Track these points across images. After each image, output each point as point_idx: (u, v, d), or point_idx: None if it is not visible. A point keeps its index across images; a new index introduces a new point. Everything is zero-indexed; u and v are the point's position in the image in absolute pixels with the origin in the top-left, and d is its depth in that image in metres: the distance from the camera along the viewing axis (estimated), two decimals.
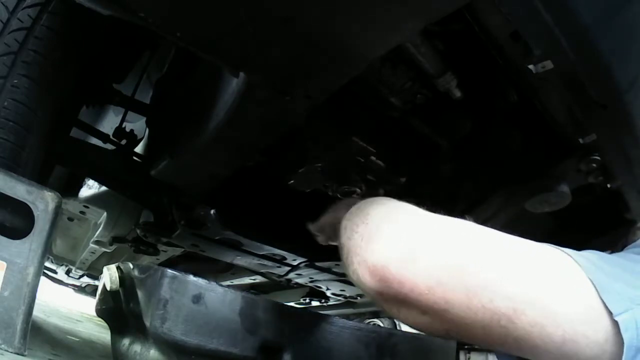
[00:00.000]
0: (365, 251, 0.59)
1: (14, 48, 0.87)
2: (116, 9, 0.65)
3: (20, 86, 0.87)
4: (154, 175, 1.12)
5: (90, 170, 1.29)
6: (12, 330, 0.63)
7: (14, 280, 0.66)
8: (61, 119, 1.08)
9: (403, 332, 1.06)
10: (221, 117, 0.84)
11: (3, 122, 0.84)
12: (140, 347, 0.80)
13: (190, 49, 0.72)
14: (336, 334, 0.86)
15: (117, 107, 1.38)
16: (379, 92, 0.91)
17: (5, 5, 0.90)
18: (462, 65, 0.83)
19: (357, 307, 2.55)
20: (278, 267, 1.63)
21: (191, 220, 1.31)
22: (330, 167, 1.10)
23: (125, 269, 0.83)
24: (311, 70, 0.71)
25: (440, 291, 0.52)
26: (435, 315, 0.54)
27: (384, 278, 0.55)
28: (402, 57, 0.80)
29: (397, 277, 0.54)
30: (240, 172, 1.08)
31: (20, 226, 0.70)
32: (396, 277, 0.54)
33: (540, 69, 0.70)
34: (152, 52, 1.32)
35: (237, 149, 0.96)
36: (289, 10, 0.60)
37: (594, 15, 0.65)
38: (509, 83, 0.85)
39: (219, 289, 0.75)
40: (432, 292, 0.53)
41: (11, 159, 0.84)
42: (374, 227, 0.61)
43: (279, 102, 0.77)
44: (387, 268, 0.55)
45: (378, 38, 0.64)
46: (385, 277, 0.55)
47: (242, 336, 0.75)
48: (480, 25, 0.69)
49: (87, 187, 1.55)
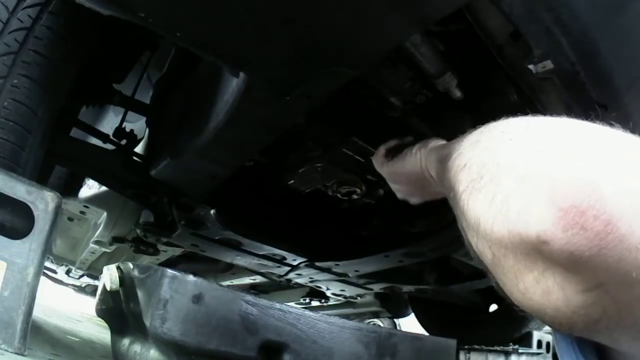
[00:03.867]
0: (546, 175, 0.36)
1: (14, 48, 0.87)
2: (116, 9, 0.65)
3: (20, 86, 0.87)
4: (154, 175, 1.12)
5: (90, 170, 1.29)
6: (12, 330, 0.63)
7: (14, 280, 0.66)
8: (61, 119, 1.08)
9: (403, 332, 1.06)
10: (221, 117, 0.84)
11: (3, 122, 0.84)
12: (140, 347, 0.80)
13: (190, 49, 0.72)
14: (336, 334, 0.86)
15: (117, 107, 1.38)
16: (379, 92, 0.91)
17: (5, 5, 0.90)
18: (462, 65, 0.83)
19: (357, 307, 2.56)
20: (278, 267, 1.63)
21: (191, 220, 1.31)
22: (330, 167, 1.10)
23: (125, 269, 0.83)
24: (311, 70, 0.71)
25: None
26: (623, 285, 0.34)
27: (585, 208, 0.33)
28: (402, 57, 0.80)
29: (611, 209, 0.33)
30: (240, 172, 1.08)
31: (20, 226, 0.70)
32: (610, 209, 0.33)
33: (540, 69, 0.70)
34: (152, 52, 1.32)
35: (237, 149, 0.96)
36: (289, 10, 0.60)
37: (594, 15, 0.66)
38: (509, 83, 0.85)
39: (219, 289, 0.75)
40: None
41: (11, 159, 0.84)
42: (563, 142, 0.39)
43: (279, 102, 0.77)
44: (598, 194, 0.33)
45: (378, 38, 0.64)
46: (588, 207, 0.33)
47: (242, 336, 0.75)
48: (480, 25, 0.69)
49: (87, 187, 1.56)
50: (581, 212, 0.33)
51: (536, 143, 0.40)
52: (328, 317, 0.87)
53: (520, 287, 0.39)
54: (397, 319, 2.98)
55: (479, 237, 0.42)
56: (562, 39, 0.65)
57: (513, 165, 0.40)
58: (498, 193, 0.39)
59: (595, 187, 0.34)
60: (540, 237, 0.35)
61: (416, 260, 1.36)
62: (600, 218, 0.33)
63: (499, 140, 0.44)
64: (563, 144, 0.39)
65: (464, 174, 0.46)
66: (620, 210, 0.33)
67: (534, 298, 0.38)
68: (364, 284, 1.78)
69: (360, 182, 1.16)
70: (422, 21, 0.63)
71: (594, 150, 0.37)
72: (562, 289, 0.36)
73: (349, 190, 1.19)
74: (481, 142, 0.47)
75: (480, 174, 0.43)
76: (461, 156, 0.49)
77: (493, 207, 0.39)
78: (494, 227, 0.39)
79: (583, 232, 0.33)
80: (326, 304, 2.60)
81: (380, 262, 1.41)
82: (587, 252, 0.33)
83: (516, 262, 0.38)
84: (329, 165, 1.09)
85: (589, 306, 0.36)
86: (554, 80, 0.73)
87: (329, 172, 1.12)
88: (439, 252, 1.27)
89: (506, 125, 0.46)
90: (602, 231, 0.33)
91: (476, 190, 0.42)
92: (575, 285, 0.35)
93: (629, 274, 0.33)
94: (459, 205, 0.46)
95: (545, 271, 0.36)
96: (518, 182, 0.38)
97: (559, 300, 0.37)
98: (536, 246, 0.35)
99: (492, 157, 0.43)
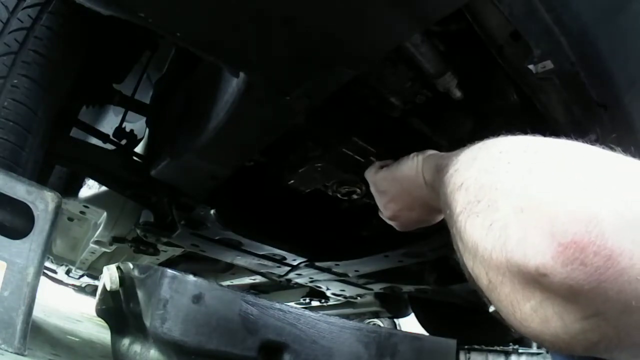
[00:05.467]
0: (545, 206, 0.36)
1: (14, 48, 0.88)
2: (116, 9, 0.65)
3: (20, 86, 0.87)
4: (154, 175, 1.12)
5: (90, 170, 1.29)
6: (12, 330, 0.63)
7: (14, 280, 0.66)
8: (61, 119, 1.08)
9: (403, 332, 1.06)
10: (221, 117, 0.84)
11: (3, 122, 0.84)
12: (140, 347, 0.80)
13: (190, 49, 0.72)
14: (336, 334, 0.86)
15: (117, 107, 1.38)
16: (379, 92, 0.91)
17: (5, 5, 0.90)
18: (462, 65, 0.83)
19: (357, 307, 2.56)
20: (278, 267, 1.63)
21: (191, 220, 1.31)
22: (330, 167, 1.10)
23: (125, 269, 0.83)
24: (311, 70, 0.71)
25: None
26: (624, 314, 0.33)
27: (586, 244, 0.33)
28: (402, 57, 0.80)
29: (612, 244, 0.32)
30: (240, 172, 1.08)
31: (20, 226, 0.70)
32: (611, 244, 0.32)
33: (540, 69, 0.70)
34: (152, 52, 1.32)
35: (237, 149, 0.96)
36: (289, 10, 0.60)
37: (594, 15, 0.66)
38: (509, 83, 0.85)
39: (219, 289, 0.75)
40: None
41: (11, 159, 0.84)
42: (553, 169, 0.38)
43: (279, 102, 0.77)
44: (598, 230, 0.33)
45: (378, 38, 0.64)
46: (588, 244, 0.33)
47: (242, 336, 0.75)
48: (480, 25, 0.69)
49: (87, 187, 1.56)
50: (581, 248, 0.33)
51: (535, 169, 0.39)
52: (328, 317, 0.87)
53: (517, 316, 0.39)
54: (397, 319, 2.98)
55: (475, 262, 0.42)
56: (562, 39, 0.65)
57: (511, 192, 0.39)
58: (496, 220, 0.39)
59: (596, 221, 0.33)
60: (539, 270, 0.35)
61: (416, 260, 1.36)
62: (601, 254, 0.32)
63: (497, 162, 0.43)
64: (563, 171, 0.38)
65: (460, 194, 0.45)
66: (621, 245, 0.32)
67: (532, 326, 0.38)
68: (364, 284, 1.78)
69: (360, 182, 1.16)
70: (422, 21, 0.63)
71: (595, 178, 0.37)
72: (561, 318, 0.36)
73: (349, 190, 1.19)
74: (478, 161, 0.46)
75: (477, 197, 0.42)
76: (458, 173, 0.48)
77: (491, 235, 0.39)
78: (493, 254, 0.38)
79: (583, 267, 0.33)
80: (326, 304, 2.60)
81: (380, 262, 1.41)
82: (586, 285, 0.33)
83: (513, 290, 0.38)
84: (329, 165, 1.09)
85: (588, 332, 0.35)
86: (554, 80, 0.73)
87: (329, 172, 1.12)
88: (439, 252, 1.27)
89: (504, 145, 0.45)
90: (602, 266, 0.32)
91: (474, 214, 0.42)
92: (574, 314, 0.35)
93: (629, 303, 0.33)
94: (455, 225, 0.46)
95: (543, 301, 0.36)
96: (516, 212, 0.37)
97: (557, 328, 0.36)
98: (535, 277, 0.35)
99: (489, 180, 0.42)
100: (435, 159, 0.69)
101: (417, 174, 0.74)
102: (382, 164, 0.89)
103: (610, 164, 0.39)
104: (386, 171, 0.85)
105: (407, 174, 0.77)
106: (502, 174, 0.41)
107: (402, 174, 0.79)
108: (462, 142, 0.54)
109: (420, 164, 0.74)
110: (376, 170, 0.88)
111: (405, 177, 0.78)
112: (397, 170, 0.81)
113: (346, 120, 0.99)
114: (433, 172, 0.66)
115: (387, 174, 0.84)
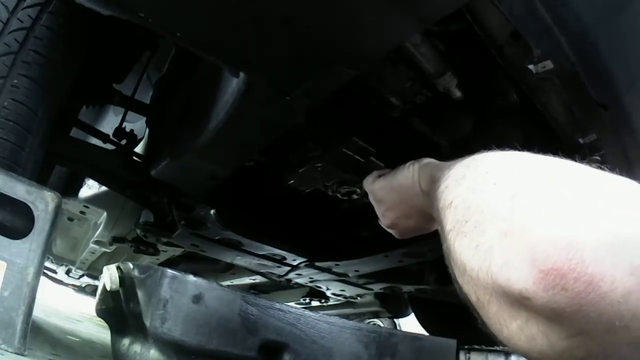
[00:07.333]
0: (528, 231, 0.36)
1: (14, 48, 0.88)
2: (116, 9, 0.65)
3: (20, 86, 0.87)
4: (154, 175, 1.12)
5: (90, 170, 1.29)
6: (12, 330, 0.63)
7: (14, 280, 0.66)
8: (61, 119, 1.08)
9: (403, 332, 1.06)
10: (221, 117, 0.84)
11: (3, 122, 0.84)
12: (140, 347, 0.80)
13: (190, 49, 0.72)
14: (336, 334, 0.86)
15: (117, 107, 1.38)
16: (379, 92, 0.91)
17: (5, 5, 0.90)
18: (462, 65, 0.83)
19: (357, 307, 2.56)
20: (278, 267, 1.63)
21: (191, 220, 1.31)
22: (330, 167, 1.10)
23: (125, 269, 0.83)
24: (311, 70, 0.71)
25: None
26: (609, 334, 0.33)
27: (566, 271, 0.33)
28: (402, 57, 0.80)
29: (592, 270, 0.33)
30: (240, 172, 1.08)
31: (20, 226, 0.70)
32: (591, 270, 0.33)
33: (540, 69, 0.70)
34: (152, 52, 1.32)
35: (237, 149, 0.96)
36: (289, 10, 0.60)
37: (594, 15, 0.66)
38: (509, 83, 0.85)
39: (219, 289, 0.75)
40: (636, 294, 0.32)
41: (11, 159, 0.84)
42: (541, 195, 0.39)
43: (279, 102, 0.77)
44: (579, 256, 0.33)
45: (378, 38, 0.64)
46: (569, 270, 0.33)
47: (242, 336, 0.75)
48: (480, 25, 0.69)
49: (87, 187, 1.56)
50: (562, 275, 0.34)
51: (520, 192, 0.40)
52: (328, 317, 0.87)
53: (505, 333, 0.40)
54: (397, 319, 2.98)
55: (464, 280, 0.44)
56: (562, 39, 0.65)
57: (496, 215, 0.40)
58: (482, 243, 0.40)
59: (577, 247, 0.34)
60: (522, 294, 0.36)
61: (416, 260, 1.36)
62: (581, 280, 0.33)
63: (483, 182, 0.44)
64: (547, 195, 0.38)
65: (450, 212, 0.47)
66: (602, 270, 0.33)
67: (519, 343, 0.39)
68: (364, 284, 1.78)
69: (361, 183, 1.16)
70: (422, 21, 0.63)
71: (578, 202, 0.37)
72: (546, 336, 0.37)
73: (349, 190, 1.19)
74: (466, 180, 0.47)
75: (465, 216, 0.43)
76: (448, 190, 0.50)
77: (477, 256, 0.40)
78: (479, 275, 0.40)
79: (564, 292, 0.34)
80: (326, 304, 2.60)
81: (380, 262, 1.41)
82: (568, 308, 0.34)
83: (500, 309, 0.39)
84: (329, 165, 1.09)
85: (574, 349, 0.36)
86: (554, 80, 0.73)
87: (329, 172, 1.12)
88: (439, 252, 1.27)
89: (491, 164, 0.46)
90: (583, 291, 0.33)
91: (462, 234, 0.43)
92: (559, 334, 0.36)
93: (612, 324, 0.33)
94: (446, 241, 0.48)
95: (529, 320, 0.37)
96: (500, 237, 0.38)
97: (543, 346, 0.37)
98: (518, 300, 0.36)
99: (476, 201, 0.43)
100: (430, 168, 0.70)
101: (413, 182, 0.75)
102: (380, 173, 0.90)
103: (596, 185, 0.39)
104: (383, 180, 0.85)
105: (403, 183, 0.78)
106: (489, 196, 0.42)
107: (399, 183, 0.79)
108: (462, 142, 0.55)
109: (417, 173, 0.75)
110: (373, 180, 0.88)
111: (401, 186, 0.79)
112: (393, 180, 0.81)
113: (346, 120, 0.99)
114: (428, 182, 0.67)
115: (384, 183, 0.84)
